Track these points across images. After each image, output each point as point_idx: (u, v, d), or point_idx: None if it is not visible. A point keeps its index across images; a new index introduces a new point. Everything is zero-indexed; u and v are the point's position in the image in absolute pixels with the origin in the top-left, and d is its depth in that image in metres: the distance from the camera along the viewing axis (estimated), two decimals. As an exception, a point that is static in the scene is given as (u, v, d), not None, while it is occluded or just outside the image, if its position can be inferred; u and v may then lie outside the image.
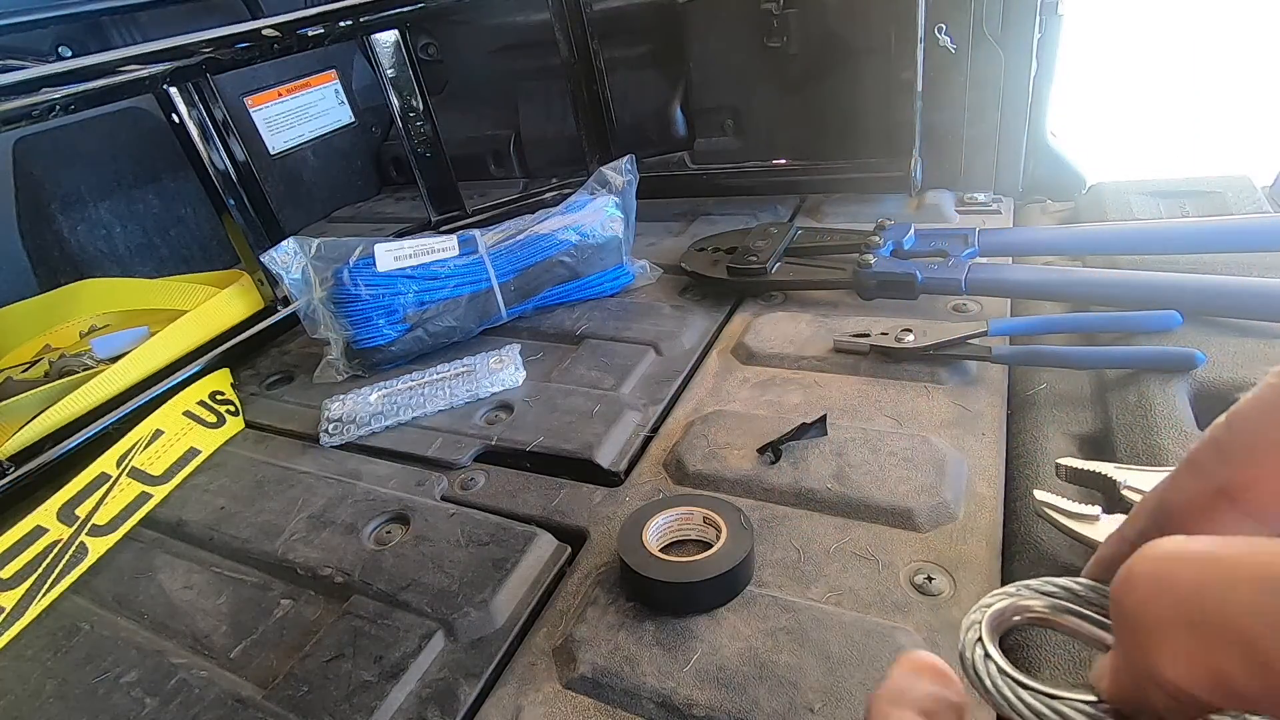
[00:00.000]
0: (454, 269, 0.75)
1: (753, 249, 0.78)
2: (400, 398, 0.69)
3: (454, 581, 0.48)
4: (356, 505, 0.58)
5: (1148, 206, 0.79)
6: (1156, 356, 0.54)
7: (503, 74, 1.25)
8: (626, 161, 0.84)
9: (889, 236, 0.74)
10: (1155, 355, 0.54)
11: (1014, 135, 0.88)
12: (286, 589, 0.53)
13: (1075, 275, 0.66)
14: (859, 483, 0.50)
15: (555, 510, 0.54)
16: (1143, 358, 0.55)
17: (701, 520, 0.47)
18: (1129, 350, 0.57)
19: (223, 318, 0.86)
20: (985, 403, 0.56)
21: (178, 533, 0.60)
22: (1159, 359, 0.54)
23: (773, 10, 0.92)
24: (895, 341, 0.62)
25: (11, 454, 0.66)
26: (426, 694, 0.42)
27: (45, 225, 1.00)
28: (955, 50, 0.85)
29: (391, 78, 1.01)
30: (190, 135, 0.80)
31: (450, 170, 1.09)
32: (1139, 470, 0.42)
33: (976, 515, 0.47)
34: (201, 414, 0.72)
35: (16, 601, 0.54)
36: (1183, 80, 1.38)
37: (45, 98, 0.67)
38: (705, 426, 0.58)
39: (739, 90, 1.03)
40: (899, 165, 0.89)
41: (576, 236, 0.79)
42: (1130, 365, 0.55)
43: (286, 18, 0.86)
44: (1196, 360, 0.52)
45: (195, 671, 0.47)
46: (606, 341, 0.74)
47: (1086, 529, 0.40)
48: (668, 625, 0.43)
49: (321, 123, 1.30)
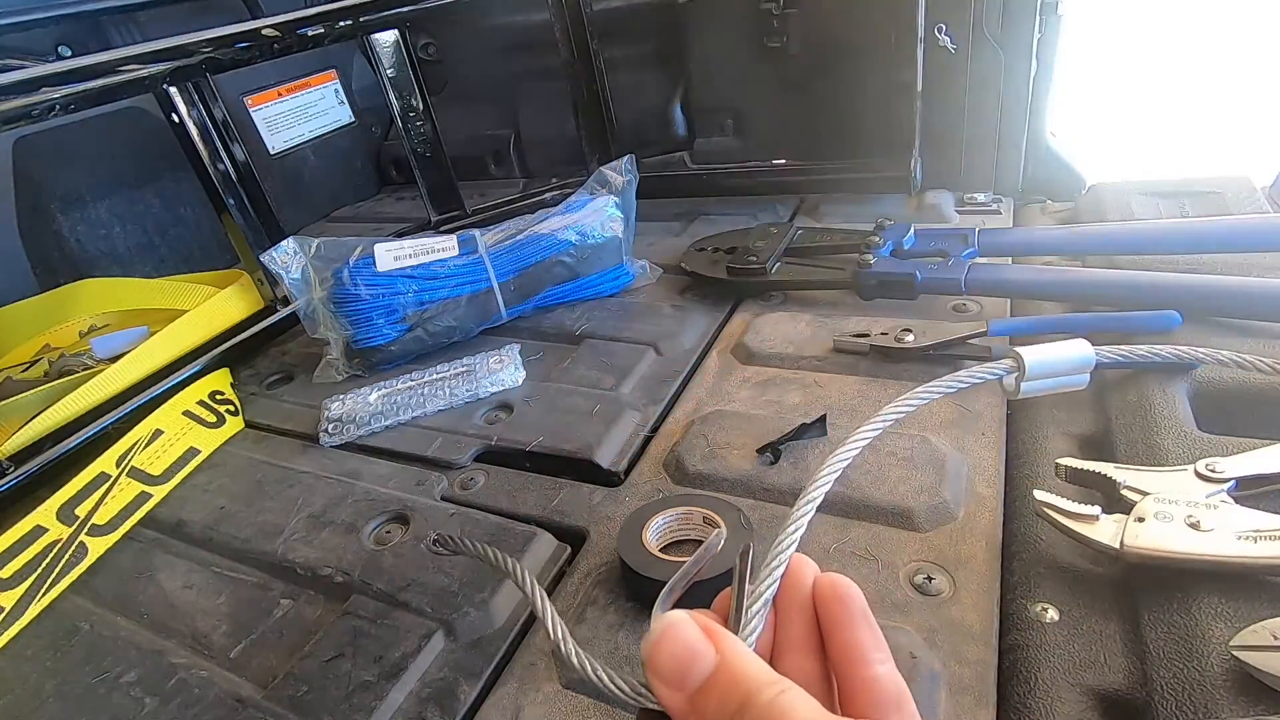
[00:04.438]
0: (454, 269, 0.75)
1: (753, 249, 0.78)
2: (400, 398, 0.69)
3: (454, 581, 0.48)
4: (356, 505, 0.58)
5: (1148, 206, 0.79)
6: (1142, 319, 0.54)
7: (503, 74, 1.25)
8: (626, 161, 0.84)
9: (889, 236, 0.74)
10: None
11: (1014, 135, 0.88)
12: (286, 589, 0.53)
13: (1075, 275, 0.66)
14: (859, 483, 0.50)
15: (555, 510, 0.54)
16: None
17: (701, 520, 0.47)
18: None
19: (222, 318, 0.86)
20: (985, 403, 0.56)
21: (177, 532, 0.60)
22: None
23: (773, 10, 0.92)
24: (895, 341, 0.62)
25: (11, 454, 0.66)
26: (426, 694, 0.42)
27: (45, 225, 1.00)
28: (955, 50, 0.85)
29: (391, 78, 1.01)
30: (190, 135, 0.80)
31: (450, 170, 1.09)
32: (1139, 470, 0.43)
33: (976, 515, 0.47)
34: (201, 414, 0.72)
35: (16, 601, 0.54)
36: (1183, 80, 1.38)
37: (45, 97, 0.67)
38: (705, 426, 0.58)
39: (739, 90, 1.03)
40: (898, 165, 0.89)
41: (576, 236, 0.79)
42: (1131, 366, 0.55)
43: (286, 18, 0.86)
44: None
45: (195, 671, 0.47)
46: (606, 341, 0.74)
47: (1086, 529, 0.40)
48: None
49: (321, 123, 1.30)
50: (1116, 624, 0.39)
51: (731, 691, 0.23)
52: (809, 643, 0.27)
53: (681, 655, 0.24)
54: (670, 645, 0.24)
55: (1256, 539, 0.36)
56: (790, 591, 0.27)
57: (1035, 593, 0.41)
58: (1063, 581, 0.41)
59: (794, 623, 0.27)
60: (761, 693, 0.22)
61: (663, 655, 0.24)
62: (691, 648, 0.24)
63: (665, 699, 0.24)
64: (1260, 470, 0.41)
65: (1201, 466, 0.41)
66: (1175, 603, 0.37)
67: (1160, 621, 0.37)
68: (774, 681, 0.23)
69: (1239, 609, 0.36)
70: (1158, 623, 0.37)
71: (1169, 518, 0.39)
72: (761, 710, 0.22)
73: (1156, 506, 0.39)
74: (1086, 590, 0.41)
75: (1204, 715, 0.32)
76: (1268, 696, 0.32)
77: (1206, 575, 0.37)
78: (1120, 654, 0.37)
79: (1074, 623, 0.39)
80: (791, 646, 0.27)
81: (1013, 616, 0.41)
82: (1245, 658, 0.33)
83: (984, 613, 0.41)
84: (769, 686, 0.22)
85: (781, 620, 0.27)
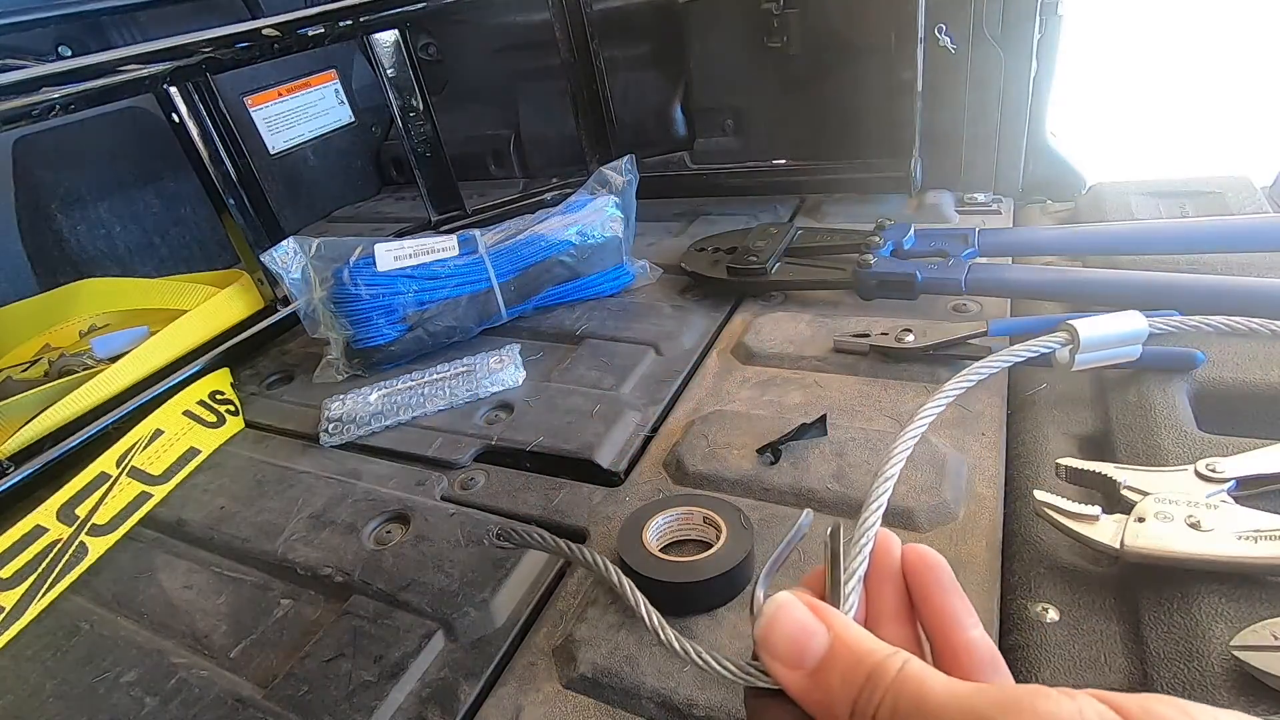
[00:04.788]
0: (454, 269, 0.75)
1: (753, 249, 0.78)
2: (400, 397, 0.69)
3: (454, 581, 0.48)
4: (356, 505, 0.58)
5: (1148, 206, 0.78)
6: (1156, 356, 0.54)
7: (503, 74, 1.25)
8: (626, 161, 0.84)
9: (889, 236, 0.74)
10: (1155, 355, 0.54)
11: (1014, 135, 0.88)
12: (286, 589, 0.53)
13: (1075, 275, 0.66)
14: (859, 483, 0.50)
15: (555, 510, 0.54)
16: (1143, 358, 0.55)
17: (701, 520, 0.47)
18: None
19: (223, 317, 0.86)
20: (985, 403, 0.56)
21: (178, 532, 0.60)
22: (1159, 359, 0.54)
23: (773, 10, 0.92)
24: (895, 342, 0.62)
25: (11, 453, 0.66)
26: (426, 694, 0.42)
27: (45, 225, 1.00)
28: (955, 50, 0.85)
29: (391, 78, 1.01)
30: (190, 135, 0.80)
31: (450, 170, 1.09)
32: (1139, 470, 0.43)
33: (976, 515, 0.47)
34: (201, 414, 0.72)
35: (16, 601, 0.54)
36: (1183, 80, 1.38)
37: (45, 97, 0.67)
38: (705, 426, 0.58)
39: (739, 90, 1.03)
40: (899, 165, 0.89)
41: (576, 236, 0.79)
42: (1130, 365, 0.55)
43: (286, 18, 0.86)
44: (1196, 360, 0.52)
45: (195, 671, 0.47)
46: (606, 341, 0.74)
47: (1086, 529, 0.40)
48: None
49: (321, 123, 1.30)
50: (1117, 624, 0.39)
51: (854, 666, 0.23)
52: (901, 613, 0.28)
53: (797, 635, 0.24)
54: (784, 626, 0.24)
55: (1257, 539, 0.36)
56: (879, 565, 0.28)
57: (1035, 593, 0.41)
58: (1063, 582, 0.41)
59: (885, 595, 0.28)
60: (885, 664, 0.23)
61: (777, 636, 0.24)
62: (806, 626, 0.24)
63: (785, 679, 0.25)
64: (1260, 470, 0.41)
65: (1202, 466, 0.41)
66: (1175, 603, 0.37)
67: (1160, 621, 0.37)
68: (893, 653, 0.23)
69: (1239, 609, 0.36)
70: (1158, 623, 0.37)
71: (1169, 518, 0.39)
72: (892, 682, 0.22)
73: (1157, 506, 0.39)
74: (1087, 590, 0.41)
75: (1204, 715, 0.32)
76: (1268, 696, 0.32)
77: (1207, 575, 0.37)
78: (1120, 654, 0.37)
79: (1074, 623, 0.39)
80: (886, 617, 0.28)
81: (1013, 617, 0.41)
82: (1245, 658, 0.33)
83: (984, 613, 0.41)
84: (891, 658, 0.23)
85: (873, 594, 0.28)
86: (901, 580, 0.28)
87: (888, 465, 0.31)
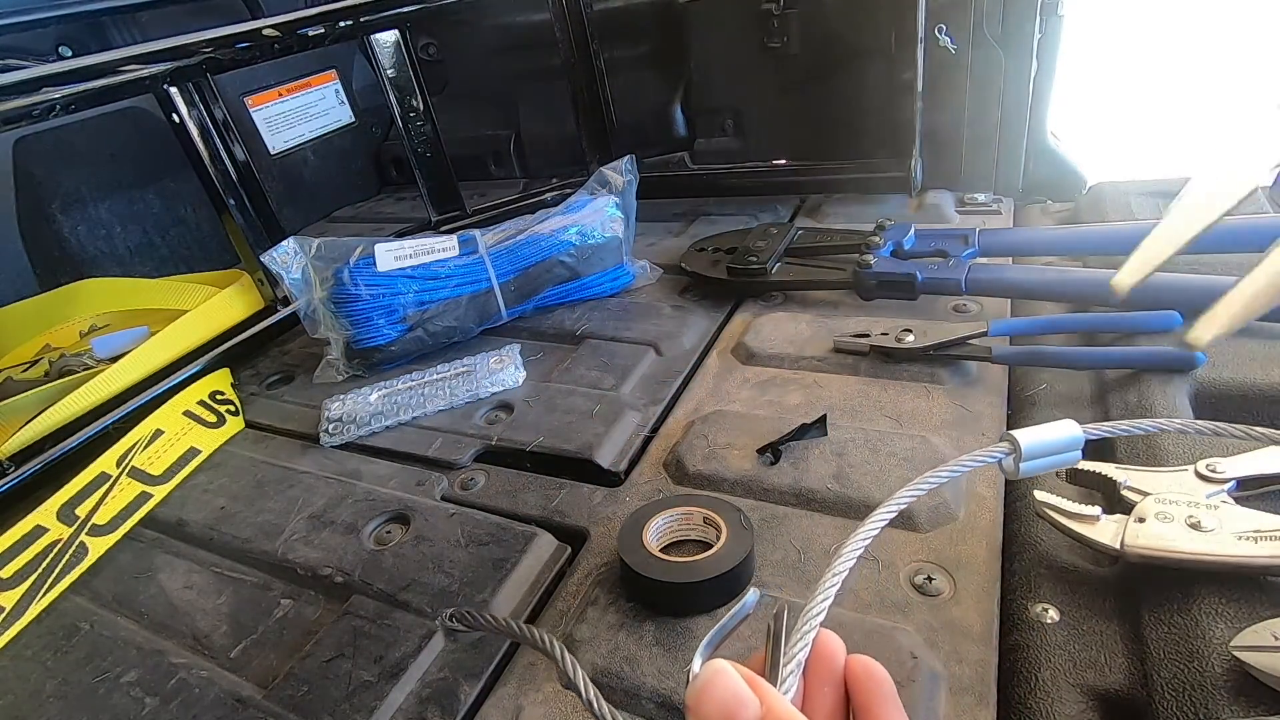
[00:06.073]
0: (454, 269, 0.75)
1: (753, 249, 0.78)
2: (400, 398, 0.69)
3: (454, 581, 0.48)
4: (356, 505, 0.58)
5: (1148, 206, 0.78)
6: (1156, 356, 0.54)
7: (503, 74, 1.25)
8: (626, 161, 0.84)
9: (889, 237, 0.74)
10: (1155, 355, 0.54)
11: (1014, 135, 0.88)
12: (286, 589, 0.53)
13: (1075, 275, 0.66)
14: (859, 483, 0.50)
15: (555, 510, 0.54)
16: (1143, 358, 0.55)
17: (701, 520, 0.47)
18: (1129, 350, 0.57)
19: (223, 318, 0.86)
20: (985, 403, 0.56)
21: (178, 532, 0.60)
22: (1159, 359, 0.54)
23: (773, 10, 0.92)
24: (895, 342, 0.62)
25: (11, 454, 0.66)
26: (426, 694, 0.42)
27: (45, 225, 1.00)
28: (955, 50, 0.85)
29: (391, 78, 1.01)
30: (190, 135, 0.80)
31: (450, 170, 1.09)
32: (1139, 470, 0.43)
33: (976, 515, 0.47)
34: (201, 414, 0.72)
35: (16, 601, 0.54)
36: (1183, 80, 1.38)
37: (45, 98, 0.67)
38: (705, 426, 0.58)
39: (739, 90, 1.03)
40: (899, 165, 0.89)
41: (577, 237, 0.79)
42: (1130, 365, 0.55)
43: (286, 18, 0.86)
44: (1196, 360, 0.52)
45: (195, 671, 0.47)
46: (606, 341, 0.74)
47: (1086, 529, 0.40)
48: (668, 625, 0.43)
49: (321, 123, 1.30)
50: (1117, 624, 0.39)
51: None
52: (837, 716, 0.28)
53: (729, 702, 0.24)
54: (717, 692, 0.24)
55: (1257, 539, 0.36)
56: (820, 666, 0.28)
57: (1036, 593, 0.41)
58: (1063, 582, 0.41)
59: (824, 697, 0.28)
60: None
61: (710, 703, 0.24)
62: (739, 695, 0.24)
63: None
64: (1260, 470, 0.41)
65: (1202, 467, 0.41)
66: (1175, 603, 0.37)
67: (1160, 621, 0.37)
68: None
69: (1239, 609, 0.36)
70: (1158, 623, 0.37)
71: (1169, 518, 0.39)
72: None
73: (1157, 507, 0.39)
74: (1087, 590, 0.41)
75: (1204, 715, 0.32)
76: (1268, 696, 0.32)
77: (1207, 575, 0.37)
78: (1121, 654, 0.37)
79: (1074, 623, 0.39)
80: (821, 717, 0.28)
81: (1013, 617, 0.41)
82: (1245, 658, 0.33)
83: (984, 613, 0.41)
84: None
85: (811, 691, 0.28)
86: (842, 687, 0.28)
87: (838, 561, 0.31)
